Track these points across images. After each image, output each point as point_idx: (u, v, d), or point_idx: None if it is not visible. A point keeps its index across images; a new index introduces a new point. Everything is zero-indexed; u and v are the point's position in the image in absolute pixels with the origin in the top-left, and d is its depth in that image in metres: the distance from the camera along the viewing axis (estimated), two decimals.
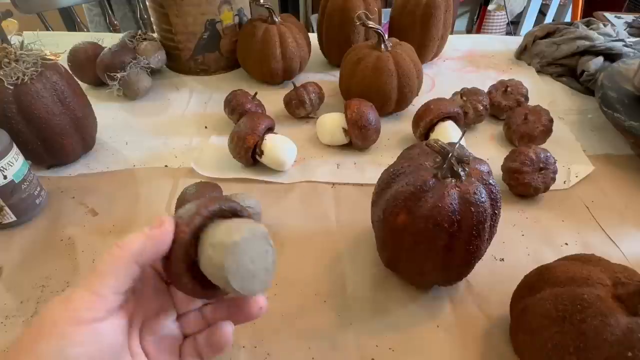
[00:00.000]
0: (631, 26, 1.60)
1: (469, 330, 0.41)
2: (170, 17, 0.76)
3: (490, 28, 2.27)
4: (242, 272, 0.26)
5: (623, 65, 0.70)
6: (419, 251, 0.38)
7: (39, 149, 0.55)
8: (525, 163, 0.53)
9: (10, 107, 0.50)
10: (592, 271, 0.34)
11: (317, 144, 0.66)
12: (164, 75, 0.84)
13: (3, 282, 0.45)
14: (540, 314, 0.34)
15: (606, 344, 0.30)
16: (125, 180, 0.59)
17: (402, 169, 0.39)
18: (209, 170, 0.60)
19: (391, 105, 0.68)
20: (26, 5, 1.08)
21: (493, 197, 0.37)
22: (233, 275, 0.25)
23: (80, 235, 0.51)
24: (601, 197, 0.57)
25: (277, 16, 0.75)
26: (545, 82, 0.83)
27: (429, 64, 0.88)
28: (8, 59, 0.51)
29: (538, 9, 1.84)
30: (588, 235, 0.51)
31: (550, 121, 0.62)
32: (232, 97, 0.66)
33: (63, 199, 0.56)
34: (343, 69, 0.70)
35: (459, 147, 0.36)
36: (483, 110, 0.67)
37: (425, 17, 0.77)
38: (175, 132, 0.69)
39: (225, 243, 0.25)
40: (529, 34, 0.89)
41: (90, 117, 0.61)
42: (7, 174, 0.47)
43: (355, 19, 0.66)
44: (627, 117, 0.59)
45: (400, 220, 0.37)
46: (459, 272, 0.41)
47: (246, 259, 0.26)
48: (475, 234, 0.36)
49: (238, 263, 0.25)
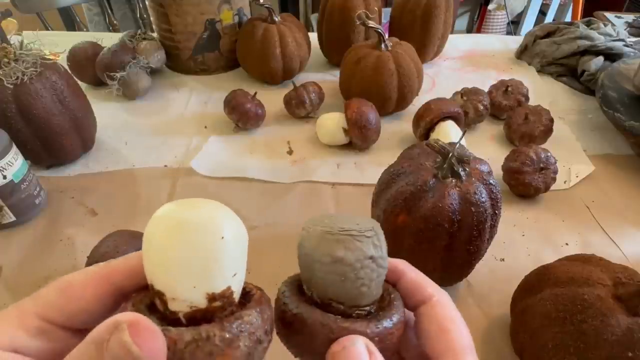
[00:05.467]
0: (631, 26, 1.60)
1: (469, 330, 0.41)
2: (170, 17, 0.76)
3: (490, 28, 2.27)
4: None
5: (623, 65, 0.70)
6: (419, 251, 0.38)
7: (39, 148, 0.55)
8: (525, 163, 0.53)
9: (10, 106, 0.50)
10: (592, 271, 0.34)
11: (317, 144, 0.66)
12: (164, 75, 0.84)
13: (2, 282, 0.45)
14: (541, 314, 0.33)
15: (606, 344, 0.30)
16: (124, 180, 0.59)
17: (402, 169, 0.39)
18: (208, 170, 0.60)
19: (391, 105, 0.68)
20: (26, 5, 1.08)
21: (493, 197, 0.37)
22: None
23: (80, 235, 0.50)
24: (601, 197, 0.57)
25: (277, 16, 0.75)
26: (545, 81, 0.83)
27: (429, 63, 0.88)
28: (7, 58, 0.50)
29: (538, 8, 1.83)
30: (588, 235, 0.51)
31: (550, 121, 0.62)
32: (232, 97, 0.66)
33: (62, 199, 0.56)
34: (343, 68, 0.70)
35: (459, 147, 0.36)
36: (483, 110, 0.66)
37: (426, 16, 0.77)
38: (174, 132, 0.68)
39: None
40: (530, 33, 0.89)
41: (89, 117, 0.61)
42: (7, 173, 0.47)
43: (355, 18, 0.66)
44: (627, 117, 0.59)
45: (401, 220, 0.37)
46: (459, 272, 0.41)
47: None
48: (476, 234, 0.36)
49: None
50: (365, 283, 0.19)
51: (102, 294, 0.19)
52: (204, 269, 0.17)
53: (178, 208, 0.18)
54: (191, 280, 0.17)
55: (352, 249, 0.19)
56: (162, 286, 0.17)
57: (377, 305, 0.21)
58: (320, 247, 0.19)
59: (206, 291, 0.17)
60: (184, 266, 0.17)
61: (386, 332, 0.19)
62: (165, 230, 0.17)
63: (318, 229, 0.20)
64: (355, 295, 0.20)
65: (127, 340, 0.14)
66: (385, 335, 0.19)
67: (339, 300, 0.20)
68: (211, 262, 0.17)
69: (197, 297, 0.17)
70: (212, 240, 0.17)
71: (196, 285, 0.17)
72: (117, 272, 0.19)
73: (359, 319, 0.19)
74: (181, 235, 0.17)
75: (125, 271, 0.19)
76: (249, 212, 0.53)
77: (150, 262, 0.18)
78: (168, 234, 0.17)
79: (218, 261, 0.17)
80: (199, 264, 0.17)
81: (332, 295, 0.20)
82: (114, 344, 0.15)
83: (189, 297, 0.17)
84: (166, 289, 0.17)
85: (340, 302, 0.20)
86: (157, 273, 0.17)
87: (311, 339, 0.19)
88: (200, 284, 0.17)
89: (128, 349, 0.14)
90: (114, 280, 0.19)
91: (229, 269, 0.18)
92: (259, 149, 0.65)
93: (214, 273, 0.17)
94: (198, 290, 0.17)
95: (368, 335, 0.18)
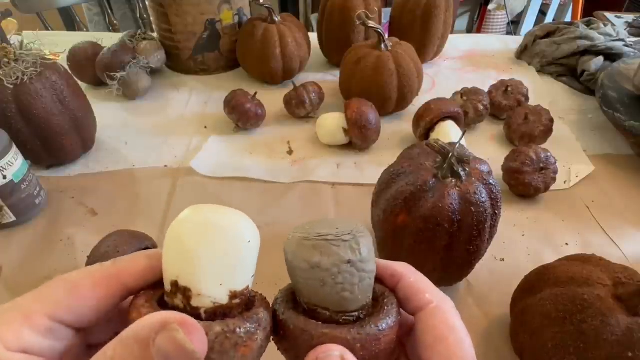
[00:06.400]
0: (631, 26, 1.60)
1: (469, 330, 0.41)
2: (170, 17, 0.76)
3: (490, 28, 2.27)
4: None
5: (623, 65, 0.70)
6: (419, 251, 0.38)
7: (39, 148, 0.55)
8: (525, 163, 0.53)
9: (10, 106, 0.50)
10: (592, 271, 0.34)
11: (317, 144, 0.66)
12: (164, 75, 0.84)
13: (2, 282, 0.45)
14: (541, 314, 0.33)
15: (606, 344, 0.30)
16: (124, 180, 0.59)
17: (402, 169, 0.39)
18: (208, 170, 0.60)
19: (391, 105, 0.68)
20: (26, 5, 1.08)
21: (493, 197, 0.37)
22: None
23: (80, 235, 0.50)
24: (601, 197, 0.57)
25: (277, 16, 0.75)
26: (545, 82, 0.83)
27: (429, 63, 0.88)
28: (7, 58, 0.50)
29: (538, 8, 1.83)
30: (588, 235, 0.51)
31: (550, 121, 0.62)
32: (232, 97, 0.66)
33: (62, 199, 0.56)
34: (343, 68, 0.70)
35: (459, 147, 0.36)
36: (483, 110, 0.66)
37: (426, 16, 0.77)
38: (174, 132, 0.68)
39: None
40: (530, 33, 0.89)
41: (89, 117, 0.61)
42: (7, 173, 0.47)
43: (355, 18, 0.66)
44: (627, 117, 0.59)
45: (401, 220, 0.37)
46: (459, 272, 0.41)
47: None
48: (476, 234, 0.36)
49: None
50: (346, 288, 0.19)
51: (112, 293, 0.19)
52: (231, 268, 0.19)
53: (204, 212, 0.19)
54: (219, 278, 0.18)
55: (328, 254, 0.19)
56: (189, 282, 0.18)
57: (368, 311, 0.21)
58: (298, 253, 0.20)
59: (230, 289, 0.19)
60: (214, 264, 0.18)
61: (370, 339, 0.19)
62: (196, 230, 0.18)
63: (297, 235, 0.20)
64: (337, 301, 0.19)
65: (183, 338, 0.15)
66: (369, 341, 0.19)
67: (323, 306, 0.20)
68: (238, 263, 0.19)
69: (221, 294, 0.19)
70: (240, 243, 0.19)
71: (222, 283, 0.19)
72: (127, 272, 0.20)
73: (342, 325, 0.19)
74: (214, 236, 0.18)
75: (134, 271, 0.20)
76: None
77: (178, 260, 0.19)
78: (200, 234, 0.18)
79: (243, 262, 0.19)
80: (227, 264, 0.18)
81: (316, 301, 0.20)
82: (164, 341, 0.15)
83: (215, 294, 0.18)
84: (194, 285, 0.18)
85: (325, 308, 0.20)
86: (185, 270, 0.18)
87: (295, 345, 0.19)
88: (226, 282, 0.19)
89: (182, 345, 0.15)
90: (124, 281, 0.19)
91: (250, 270, 0.20)
92: (259, 149, 0.65)
93: (238, 273, 0.19)
94: (223, 288, 0.19)
95: (349, 342, 0.18)
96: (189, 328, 0.16)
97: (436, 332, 0.20)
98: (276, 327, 0.20)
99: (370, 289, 0.21)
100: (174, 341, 0.15)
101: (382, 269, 0.22)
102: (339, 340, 0.18)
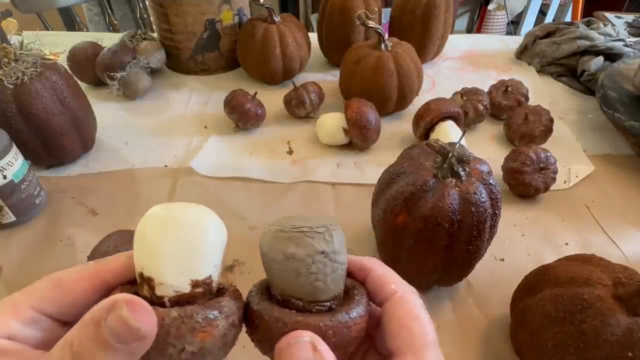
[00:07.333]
0: (631, 26, 1.60)
1: (469, 330, 0.41)
2: (170, 17, 0.76)
3: (490, 28, 2.27)
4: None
5: (623, 65, 0.70)
6: (419, 251, 0.38)
7: (39, 148, 0.55)
8: (525, 163, 0.53)
9: (10, 106, 0.50)
10: (592, 271, 0.34)
11: (317, 144, 0.66)
12: (164, 75, 0.84)
13: (2, 282, 0.45)
14: (541, 314, 0.33)
15: (606, 344, 0.30)
16: (124, 180, 0.59)
17: (402, 169, 0.39)
18: (208, 170, 0.60)
19: (391, 105, 0.68)
20: (26, 5, 1.08)
21: (493, 197, 0.37)
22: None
23: (80, 235, 0.50)
24: (601, 197, 0.57)
25: (277, 16, 0.75)
26: (545, 82, 0.83)
27: (429, 63, 0.88)
28: (8, 58, 0.50)
29: (538, 8, 1.83)
30: (588, 235, 0.51)
31: (550, 121, 0.62)
32: (232, 97, 0.66)
33: (62, 199, 0.56)
34: (343, 68, 0.70)
35: (459, 147, 0.36)
36: (483, 110, 0.66)
37: (426, 16, 0.77)
38: (174, 132, 0.68)
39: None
40: (529, 33, 0.89)
41: (89, 117, 0.61)
42: (7, 173, 0.47)
43: (355, 18, 0.66)
44: (627, 117, 0.59)
45: (400, 220, 0.37)
46: (459, 272, 0.41)
47: None
48: (476, 234, 0.36)
49: None
50: (319, 278, 0.20)
51: (93, 289, 0.21)
52: (191, 258, 0.19)
53: (169, 208, 0.20)
54: (179, 267, 0.19)
55: (303, 245, 0.20)
56: (151, 272, 0.19)
57: (340, 302, 0.21)
58: (274, 245, 0.20)
59: (191, 278, 0.19)
60: (173, 255, 0.19)
61: (342, 326, 0.19)
62: (158, 224, 0.19)
63: (273, 228, 0.21)
64: (310, 291, 0.20)
65: (126, 315, 0.16)
66: (340, 328, 0.19)
67: (296, 296, 0.20)
68: (197, 253, 0.20)
69: (182, 283, 0.19)
70: (199, 234, 0.20)
71: (182, 272, 0.19)
72: (107, 269, 0.21)
73: (314, 314, 0.20)
74: (173, 228, 0.19)
75: (114, 269, 0.21)
76: (249, 212, 0.53)
77: (142, 252, 0.20)
78: (161, 228, 0.19)
79: (203, 252, 0.20)
80: (186, 254, 0.19)
81: (290, 291, 0.20)
82: (112, 319, 0.16)
83: (175, 282, 0.19)
84: (155, 274, 0.19)
85: (298, 298, 0.20)
86: (148, 261, 0.19)
87: (269, 334, 0.20)
88: (186, 271, 0.19)
89: (127, 322, 0.16)
90: (104, 277, 0.21)
91: (212, 260, 0.20)
92: (259, 149, 0.65)
93: (198, 262, 0.20)
94: (184, 277, 0.19)
95: (321, 329, 0.19)
96: (135, 307, 0.17)
97: (401, 321, 0.21)
98: (251, 319, 0.21)
99: (342, 280, 0.22)
100: (120, 318, 0.16)
101: (352, 264, 0.23)
102: (311, 328, 0.19)
